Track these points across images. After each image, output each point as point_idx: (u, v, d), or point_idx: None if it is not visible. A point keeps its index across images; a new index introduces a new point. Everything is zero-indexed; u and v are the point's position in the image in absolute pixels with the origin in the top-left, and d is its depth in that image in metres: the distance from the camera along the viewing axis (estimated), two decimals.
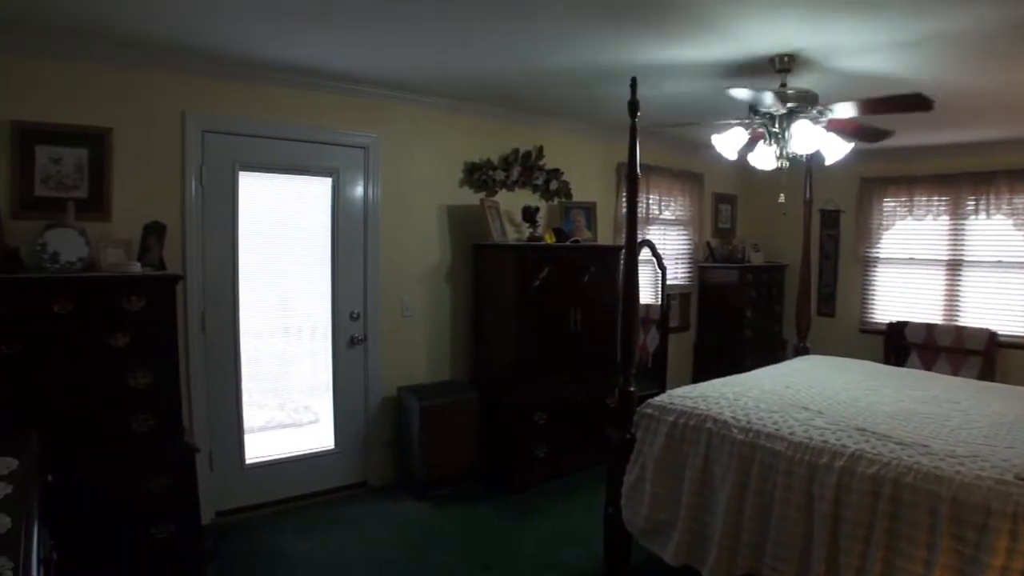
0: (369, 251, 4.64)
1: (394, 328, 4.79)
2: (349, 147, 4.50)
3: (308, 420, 4.60)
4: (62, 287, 3.13)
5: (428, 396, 4.58)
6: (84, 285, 3.19)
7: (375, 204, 4.63)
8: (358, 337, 4.63)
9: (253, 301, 4.25)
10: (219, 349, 4.11)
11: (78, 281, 3.19)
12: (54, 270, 3.20)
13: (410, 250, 4.85)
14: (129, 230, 3.61)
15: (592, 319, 5.06)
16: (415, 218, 4.86)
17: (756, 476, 2.88)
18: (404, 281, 4.83)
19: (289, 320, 4.46)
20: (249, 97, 4.08)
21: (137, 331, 3.29)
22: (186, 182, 3.90)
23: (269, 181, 4.27)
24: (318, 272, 4.52)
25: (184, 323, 3.92)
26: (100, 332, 3.21)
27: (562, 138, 5.57)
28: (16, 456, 2.02)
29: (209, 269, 4.05)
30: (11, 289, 3.02)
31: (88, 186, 3.57)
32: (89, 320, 3.18)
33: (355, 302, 4.63)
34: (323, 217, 4.50)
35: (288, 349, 4.48)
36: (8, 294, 3.00)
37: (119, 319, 3.25)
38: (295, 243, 4.43)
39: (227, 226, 4.09)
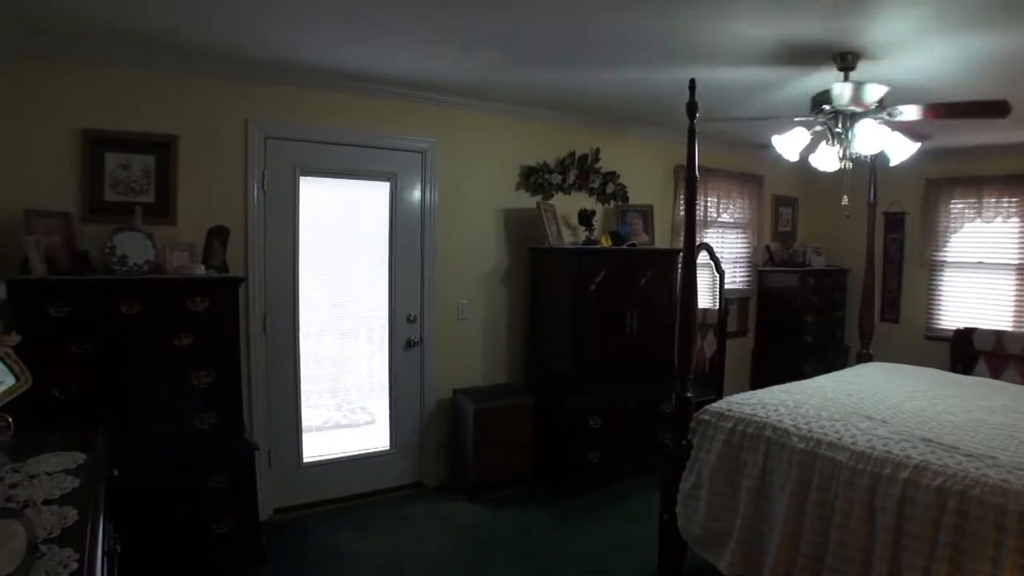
0: (426, 254, 4.65)
1: (450, 331, 4.80)
2: (407, 151, 4.52)
3: (364, 421, 4.63)
4: (130, 289, 3.21)
5: (483, 399, 4.57)
6: (151, 287, 3.27)
7: (432, 208, 4.65)
8: (415, 339, 4.65)
9: (312, 303, 4.30)
10: (279, 350, 4.17)
11: (145, 283, 3.26)
12: (122, 272, 3.28)
13: (467, 253, 4.85)
14: (194, 234, 3.69)
15: (648, 323, 4.99)
16: (472, 221, 4.86)
17: (816, 486, 2.78)
18: (460, 284, 4.84)
19: (347, 322, 4.50)
20: (310, 103, 4.13)
21: (201, 331, 3.35)
22: (248, 187, 3.97)
23: (329, 185, 4.31)
24: (376, 275, 4.55)
25: (246, 324, 3.98)
26: (165, 332, 3.28)
27: (619, 141, 5.51)
28: (84, 451, 2.05)
29: (270, 272, 4.10)
30: (81, 290, 3.11)
31: (155, 191, 3.66)
32: (155, 320, 3.25)
33: (412, 305, 4.64)
34: (381, 221, 4.53)
35: (346, 351, 4.52)
36: (79, 295, 3.09)
37: (184, 320, 3.32)
38: (354, 246, 4.47)
39: (288, 230, 4.14)
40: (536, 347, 5.06)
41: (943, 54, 3.13)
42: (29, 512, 1.47)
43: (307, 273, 4.25)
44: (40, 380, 2.19)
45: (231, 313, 3.47)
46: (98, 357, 3.11)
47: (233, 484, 3.41)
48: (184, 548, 3.29)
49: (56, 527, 1.46)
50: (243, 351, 3.83)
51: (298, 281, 4.20)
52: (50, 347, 3.00)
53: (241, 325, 3.72)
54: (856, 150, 3.39)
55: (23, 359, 2.01)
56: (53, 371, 3.00)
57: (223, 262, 3.70)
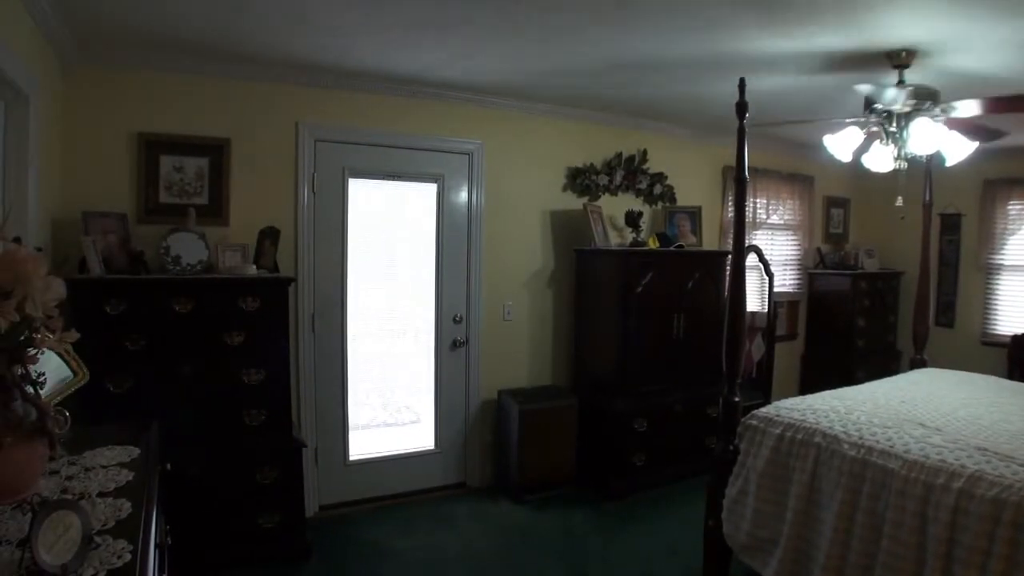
0: (472, 255, 4.66)
1: (495, 332, 4.80)
2: (454, 153, 4.54)
3: (409, 420, 4.66)
4: (183, 288, 3.28)
5: (528, 400, 4.56)
6: (203, 286, 3.34)
7: (479, 209, 4.66)
8: (460, 340, 4.66)
9: (360, 304, 4.34)
10: (327, 349, 4.21)
11: (198, 282, 3.33)
12: (176, 272, 3.35)
13: (512, 255, 4.85)
14: (245, 234, 3.76)
15: (696, 326, 4.92)
16: (518, 223, 4.86)
17: (867, 495, 2.71)
18: (506, 285, 4.84)
19: (394, 322, 4.52)
20: (359, 106, 4.17)
21: (251, 330, 3.42)
22: (299, 189, 4.02)
23: (377, 187, 4.35)
24: (423, 276, 4.57)
25: (295, 323, 4.03)
26: (217, 330, 3.35)
27: (666, 141, 5.45)
28: (137, 444, 2.08)
29: (319, 272, 4.15)
30: (136, 289, 3.19)
31: (208, 193, 3.74)
32: (207, 319, 3.32)
33: (458, 305, 4.66)
34: (428, 222, 4.55)
35: (392, 350, 4.55)
36: (134, 294, 3.18)
37: (235, 318, 3.38)
38: (401, 247, 4.50)
39: (337, 231, 4.19)
40: (582, 349, 5.03)
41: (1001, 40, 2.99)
42: (84, 504, 1.50)
43: (355, 274, 4.29)
44: (96, 375, 2.20)
45: (281, 312, 3.52)
46: (152, 354, 3.19)
47: (281, 480, 3.47)
48: (231, 541, 3.35)
49: (111, 519, 1.49)
50: (292, 350, 3.88)
51: (346, 282, 4.24)
52: (106, 344, 3.09)
53: (290, 324, 3.76)
54: (911, 150, 3.30)
55: (80, 355, 2.05)
56: (109, 367, 3.09)
57: (274, 262, 3.75)
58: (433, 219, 4.55)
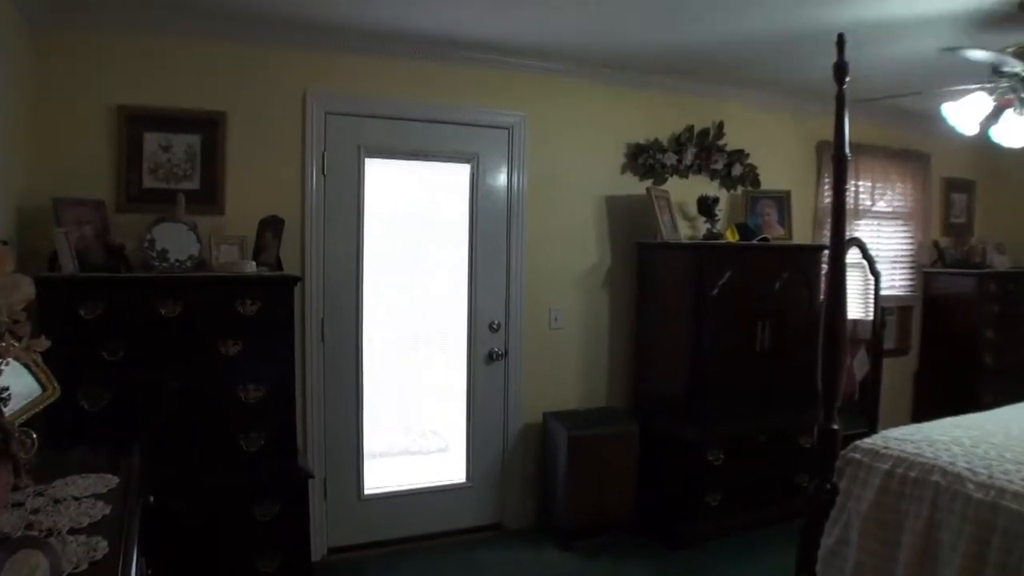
0: (513, 250, 4.65)
1: (541, 342, 4.79)
2: (491, 128, 4.54)
3: (436, 447, 4.67)
4: (170, 288, 3.31)
5: (579, 425, 4.53)
6: (194, 286, 3.37)
7: (520, 195, 4.65)
8: (498, 351, 4.66)
9: (378, 308, 4.35)
10: (339, 361, 4.24)
11: (188, 281, 3.37)
12: (162, 269, 3.39)
13: (561, 249, 4.82)
14: (243, 225, 3.78)
15: (784, 337, 4.86)
16: (567, 211, 4.83)
17: (998, 547, 2.64)
18: (553, 286, 4.82)
19: (419, 330, 4.54)
20: (378, 73, 4.19)
21: (250, 338, 3.44)
22: (307, 171, 4.05)
23: (398, 169, 4.36)
24: (453, 275, 4.57)
25: (301, 330, 4.05)
26: (210, 338, 3.38)
27: (747, 112, 5.39)
28: (116, 472, 2.11)
29: (330, 270, 4.17)
30: (115, 289, 3.22)
31: (200, 176, 3.79)
32: (198, 324, 3.35)
33: (496, 310, 4.65)
34: (460, 210, 4.55)
35: (417, 364, 4.56)
36: (112, 295, 3.20)
37: (231, 324, 3.40)
38: (427, 241, 4.51)
39: (351, 221, 4.21)
40: (644, 364, 5.00)
41: None
42: (53, 542, 1.51)
43: (373, 272, 4.30)
44: (68, 391, 2.25)
45: (285, 317, 3.54)
46: (133, 365, 3.22)
47: (282, 516, 3.48)
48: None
49: (83, 560, 1.50)
50: (298, 362, 3.90)
51: (362, 281, 4.26)
52: (80, 353, 3.12)
53: (296, 331, 3.77)
54: None
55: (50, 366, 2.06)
56: (83, 380, 3.12)
57: (276, 258, 3.78)
58: (465, 207, 4.55)
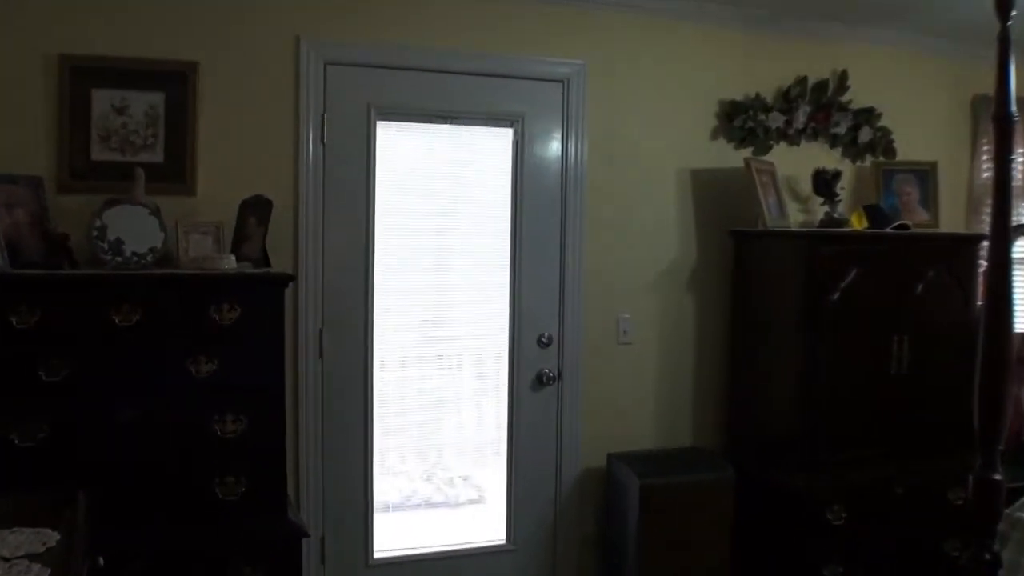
0: (569, 241, 4.63)
1: (605, 361, 4.77)
2: (539, 81, 4.53)
3: (467, 498, 4.65)
4: (126, 289, 3.29)
5: (654, 470, 4.50)
6: (156, 287, 3.37)
7: (579, 168, 4.62)
8: (549, 374, 4.64)
9: (393, 315, 4.35)
10: (342, 384, 4.24)
11: (148, 281, 3.36)
12: (116, 265, 3.38)
13: (632, 240, 4.80)
14: (220, 209, 3.80)
15: (928, 356, 4.77)
16: (641, 189, 4.81)
17: None
18: (622, 289, 4.80)
19: (444, 345, 4.53)
20: (391, 11, 4.19)
21: (228, 354, 3.43)
22: (301, 139, 4.07)
23: (420, 136, 4.37)
24: (491, 274, 4.57)
25: (293, 345, 4.05)
26: (177, 354, 3.37)
27: (879, 58, 5.31)
28: (57, 527, 2.14)
29: (332, 267, 4.18)
30: (57, 291, 3.21)
31: (164, 146, 3.79)
32: (162, 337, 3.34)
33: (546, 320, 4.64)
34: (499, 190, 4.54)
35: (442, 389, 4.54)
36: (52, 298, 3.18)
37: (203, 336, 3.40)
38: (457, 230, 4.50)
39: (359, 204, 4.21)
40: (741, 390, 4.97)
41: None
42: None
43: (386, 270, 4.30)
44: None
45: (273, 328, 3.54)
46: (78, 388, 3.21)
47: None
48: None
49: None
50: (289, 385, 3.88)
51: (372, 282, 4.25)
52: (9, 372, 3.12)
53: (287, 346, 3.77)
54: None
55: None
56: (13, 408, 3.12)
57: (262, 251, 3.75)
58: (507, 185, 4.53)
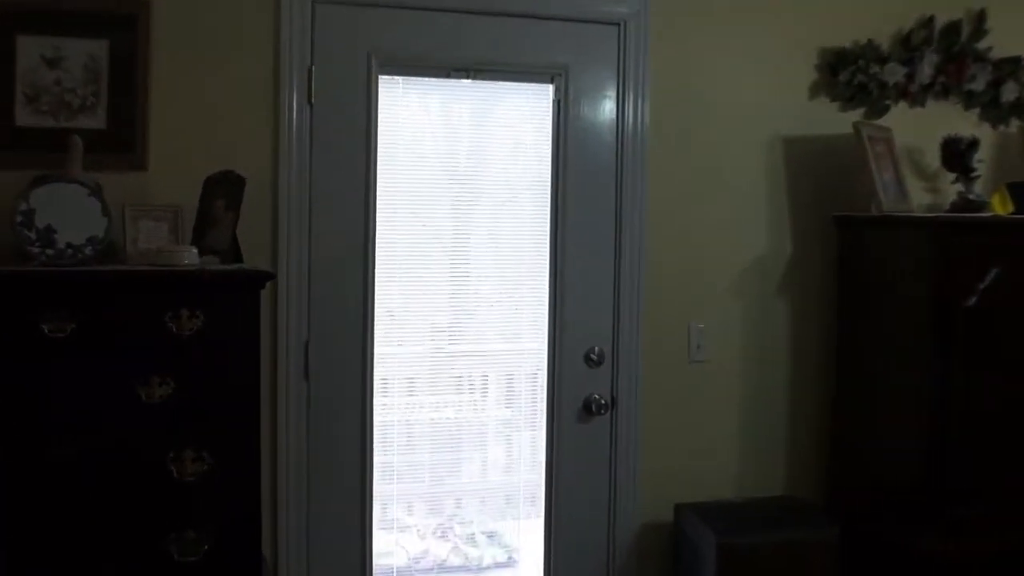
0: (625, 232, 4.61)
1: (672, 385, 4.75)
2: (588, 23, 4.52)
3: (493, 561, 4.64)
4: (60, 290, 3.26)
5: (735, 526, 4.50)
6: (98, 288, 3.34)
7: (638, 138, 4.59)
8: (600, 401, 4.60)
9: (398, 324, 4.37)
10: (333, 414, 4.22)
11: (88, 280, 3.32)
12: (46, 259, 3.32)
13: (706, 230, 4.78)
14: (178, 188, 3.80)
15: None
16: (717, 165, 4.79)
17: None
18: (694, 291, 4.79)
19: (464, 363, 4.54)
20: None
21: (188, 374, 3.38)
22: (282, 99, 4.06)
23: (434, 95, 4.39)
24: (524, 272, 4.58)
25: (272, 362, 4.06)
26: (123, 374, 3.31)
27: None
28: None
29: (321, 263, 4.18)
30: None
31: (108, 108, 3.80)
32: (104, 351, 3.30)
33: (596, 331, 4.61)
34: (535, 165, 4.53)
35: (460, 420, 4.55)
36: None
37: (157, 351, 3.35)
38: (481, 216, 4.50)
39: (356, 182, 4.21)
40: (849, 423, 4.92)
41: None
42: None
43: (390, 266, 4.31)
44: None
45: (246, 340, 3.50)
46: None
47: None
48: None
49: None
50: (265, 414, 3.88)
51: (372, 281, 4.25)
52: None
53: (264, 364, 3.77)
54: None
55: None
56: None
57: (232, 243, 3.74)
58: (545, 158, 4.52)
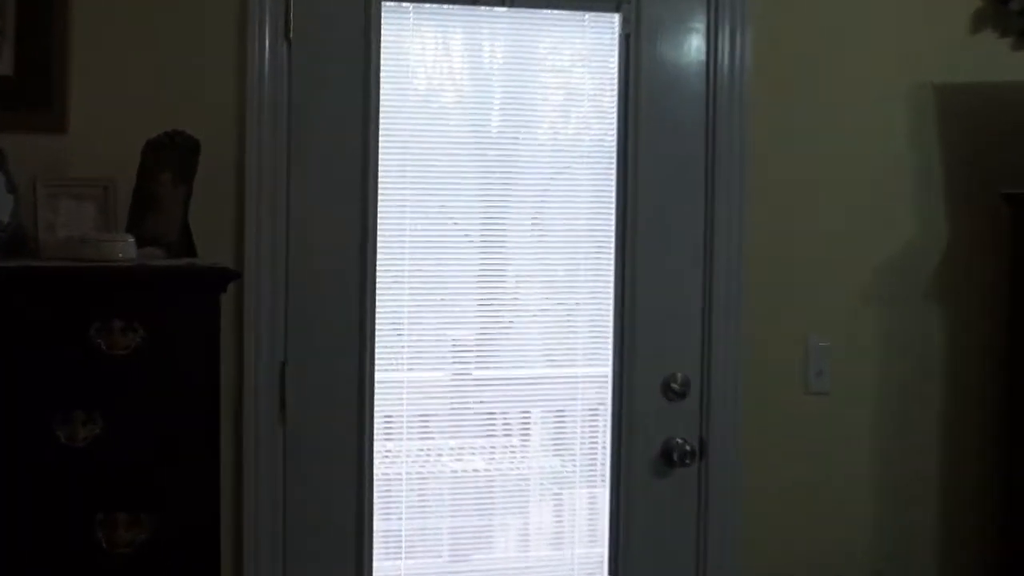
0: (720, 215, 4.61)
1: (784, 425, 4.71)
2: None
3: None
4: None
5: None
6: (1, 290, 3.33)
7: (736, 86, 4.59)
8: (685, 447, 4.53)
9: (407, 340, 4.41)
10: (319, 462, 4.24)
11: None
12: None
13: (829, 212, 4.77)
14: (109, 156, 3.76)
15: None
16: (844, 124, 4.76)
17: None
18: (811, 297, 4.77)
19: (497, 393, 4.58)
20: None
21: (123, 408, 3.30)
22: (250, 33, 4.04)
23: (456, 28, 4.45)
24: (577, 271, 4.61)
25: (236, 391, 4.04)
26: (35, 407, 3.25)
27: None
28: None
29: (302, 258, 4.18)
30: None
31: (15, 47, 3.80)
32: (10, 376, 3.23)
33: (677, 352, 4.59)
34: (593, 122, 4.55)
35: (492, 473, 4.62)
36: None
37: (82, 377, 3.28)
38: (518, 195, 4.55)
39: (350, 148, 4.20)
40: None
41: None
42: None
43: (396, 261, 4.33)
44: None
45: (200, 362, 3.41)
46: None
47: None
48: None
49: None
50: (226, 462, 3.82)
51: (371, 282, 4.25)
52: None
53: (225, 393, 3.70)
54: None
55: None
56: None
57: (181, 230, 3.66)
58: (607, 113, 4.51)
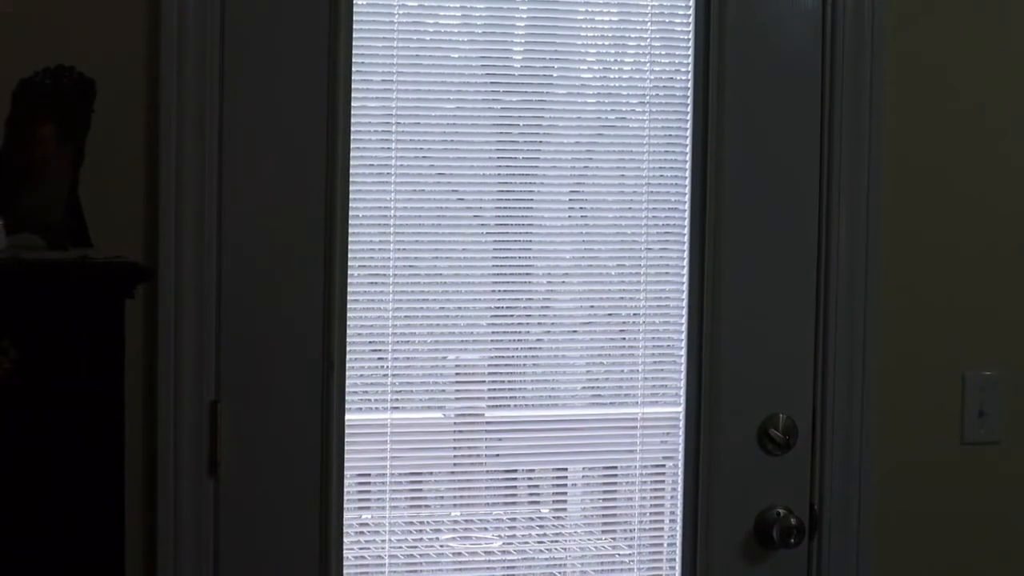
0: (840, 198, 4.28)
1: (933, 489, 4.36)
2: None
3: None
4: None
5: None
6: None
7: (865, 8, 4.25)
8: (790, 520, 4.33)
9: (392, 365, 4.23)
10: (264, 540, 3.92)
11: None
12: None
13: (1001, 195, 4.48)
14: None
15: None
16: (1012, 89, 4.44)
17: None
18: (968, 316, 4.42)
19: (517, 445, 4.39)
20: None
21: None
22: None
23: None
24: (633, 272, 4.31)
25: (146, 439, 3.65)
26: None
27: None
28: None
29: (241, 252, 3.86)
30: None
31: None
32: None
33: (777, 387, 4.30)
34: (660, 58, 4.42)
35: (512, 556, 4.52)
36: None
37: None
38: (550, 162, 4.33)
39: (310, 94, 3.94)
40: None
41: None
42: None
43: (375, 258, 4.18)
44: None
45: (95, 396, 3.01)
46: None
47: None
48: None
49: None
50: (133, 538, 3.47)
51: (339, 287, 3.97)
52: None
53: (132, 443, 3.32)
54: None
55: None
56: None
57: (69, 207, 3.29)
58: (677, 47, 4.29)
